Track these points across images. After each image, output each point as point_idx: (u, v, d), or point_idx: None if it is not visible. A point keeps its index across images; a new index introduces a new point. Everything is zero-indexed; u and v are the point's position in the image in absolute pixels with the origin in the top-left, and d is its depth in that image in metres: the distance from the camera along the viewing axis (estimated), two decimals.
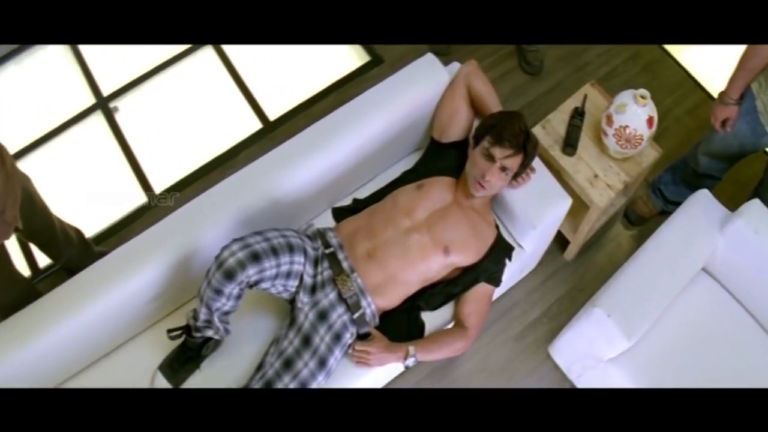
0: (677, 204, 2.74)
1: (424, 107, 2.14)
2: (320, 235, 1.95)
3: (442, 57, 2.87)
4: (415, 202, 1.98)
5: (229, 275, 1.63)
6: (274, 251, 1.71)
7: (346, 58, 3.15)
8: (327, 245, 1.93)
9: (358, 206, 2.13)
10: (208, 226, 1.88)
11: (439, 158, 2.10)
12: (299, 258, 1.79)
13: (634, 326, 1.99)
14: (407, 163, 2.26)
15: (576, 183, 2.28)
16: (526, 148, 1.91)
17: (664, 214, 2.79)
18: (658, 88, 2.67)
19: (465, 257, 1.99)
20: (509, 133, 1.87)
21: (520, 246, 2.23)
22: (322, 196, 2.10)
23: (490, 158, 1.89)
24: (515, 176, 1.98)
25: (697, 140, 2.49)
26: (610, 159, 2.31)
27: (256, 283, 1.70)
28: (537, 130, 2.32)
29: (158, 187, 2.79)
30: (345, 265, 1.90)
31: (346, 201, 2.20)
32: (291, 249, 1.76)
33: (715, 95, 2.16)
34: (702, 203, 2.21)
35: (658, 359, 2.12)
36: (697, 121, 2.99)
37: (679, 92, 3.05)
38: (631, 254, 2.72)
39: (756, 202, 2.10)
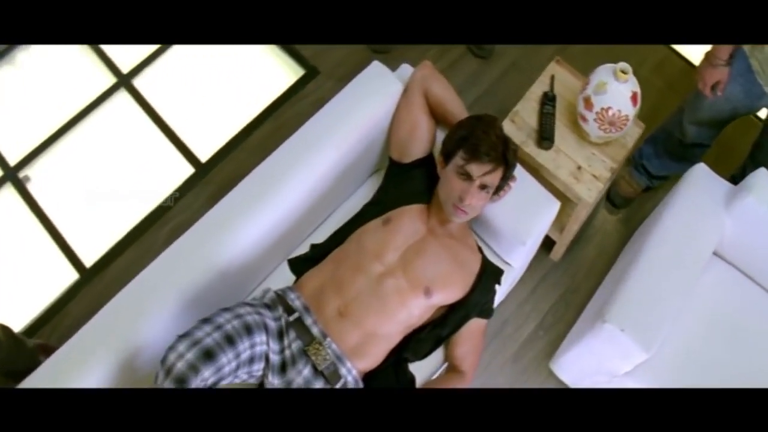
0: (663, 178, 2.55)
1: (378, 125, 1.85)
2: (280, 300, 1.65)
3: (381, 56, 2.63)
4: (384, 241, 1.69)
5: (181, 382, 1.32)
6: (230, 340, 1.41)
7: (277, 75, 2.83)
8: (290, 311, 1.63)
9: (317, 253, 1.83)
10: (149, 315, 1.58)
11: (404, 183, 1.81)
12: (260, 337, 1.49)
13: (651, 336, 1.76)
14: (366, 192, 1.97)
15: (559, 180, 2.02)
16: (507, 158, 1.65)
17: (649, 190, 2.57)
18: (618, 49, 2.43)
19: (450, 294, 1.72)
20: (486, 145, 1.61)
21: (507, 264, 1.96)
22: (274, 250, 1.80)
23: (467, 177, 1.62)
24: (496, 191, 1.70)
25: (672, 103, 2.30)
26: (591, 146, 2.05)
27: (215, 384, 1.40)
28: (506, 126, 2.04)
29: (88, 260, 2.45)
30: (315, 330, 1.61)
31: (303, 248, 1.89)
32: (249, 330, 1.46)
33: (678, 49, 1.90)
34: (701, 181, 1.97)
35: (680, 363, 1.89)
36: (665, 80, 2.77)
37: (640, 50, 2.79)
38: (621, 241, 2.55)
39: (762, 172, 1.86)
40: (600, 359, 1.96)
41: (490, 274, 1.78)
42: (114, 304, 1.61)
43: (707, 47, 1.89)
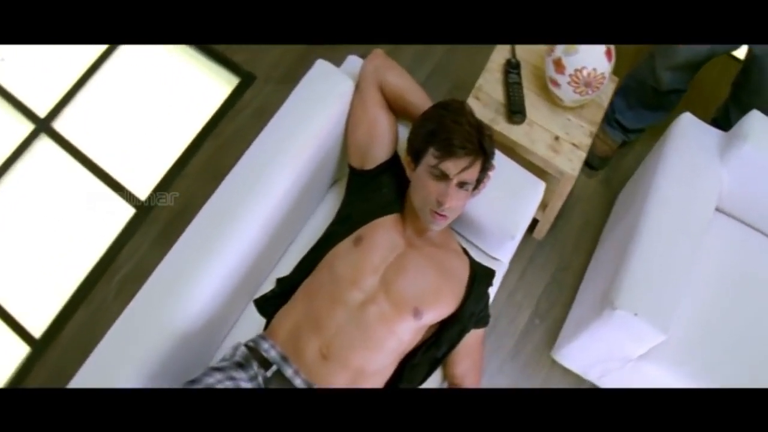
0: (639, 131, 2.38)
1: (333, 132, 1.63)
2: (253, 353, 1.44)
3: (320, 47, 2.40)
4: (359, 264, 1.49)
5: None
6: None
7: (210, 89, 2.58)
8: (266, 364, 1.42)
9: (285, 287, 1.61)
10: None
11: (370, 193, 1.60)
12: None
13: (667, 315, 1.61)
14: (329, 209, 1.76)
15: (536, 155, 1.83)
16: (484, 147, 1.46)
17: (625, 145, 2.41)
18: None
19: (442, 310, 1.52)
20: (459, 136, 1.41)
21: (495, 259, 1.78)
22: (237, 294, 1.58)
23: (443, 177, 1.43)
24: (476, 185, 1.51)
25: (641, 49, 2.13)
26: (566, 111, 1.88)
27: None
28: (471, 104, 1.84)
29: (36, 330, 2.19)
30: (298, 381, 1.40)
31: (269, 284, 1.67)
32: None
33: None
34: (689, 133, 1.81)
35: (697, 333, 1.75)
36: None
37: None
38: (605, 205, 2.38)
39: (756, 116, 1.70)
40: (611, 346, 1.80)
41: (481, 278, 1.59)
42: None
43: None
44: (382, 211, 1.55)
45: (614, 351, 1.81)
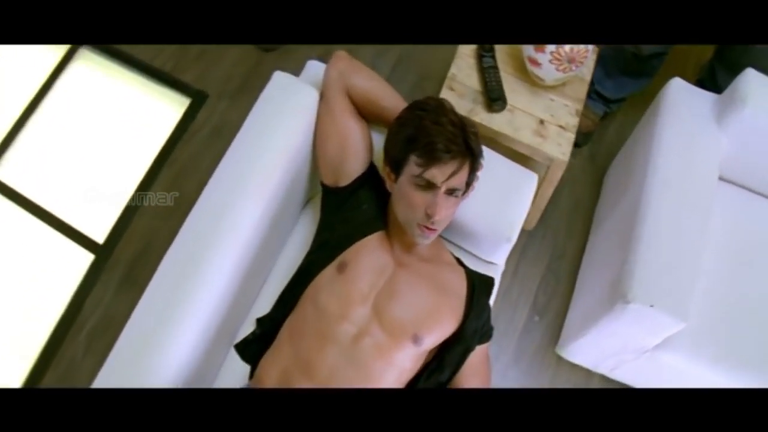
0: (621, 101, 2.26)
1: (301, 150, 1.47)
2: None
3: (273, 54, 2.28)
4: (346, 294, 1.33)
5: None
6: None
7: (160, 115, 2.39)
8: None
9: (266, 328, 1.45)
10: None
11: (349, 212, 1.44)
12: None
13: (685, 301, 1.49)
14: (304, 234, 1.60)
15: (522, 144, 1.70)
16: (471, 146, 1.30)
17: (607, 117, 2.29)
18: None
19: (442, 332, 1.37)
20: (442, 139, 1.26)
21: (490, 263, 1.64)
22: (216, 344, 1.41)
23: (429, 186, 1.28)
24: (466, 191, 1.37)
25: None
26: (548, 91, 1.75)
27: None
28: (446, 96, 1.70)
29: None
30: None
31: (249, 325, 1.50)
32: None
33: None
34: (681, 99, 1.68)
35: (715, 316, 1.63)
36: None
37: None
38: (594, 183, 2.26)
39: (752, 75, 1.57)
40: (625, 339, 1.68)
41: (480, 289, 1.44)
42: None
43: None
44: (364, 231, 1.40)
45: (628, 344, 1.69)
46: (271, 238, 1.48)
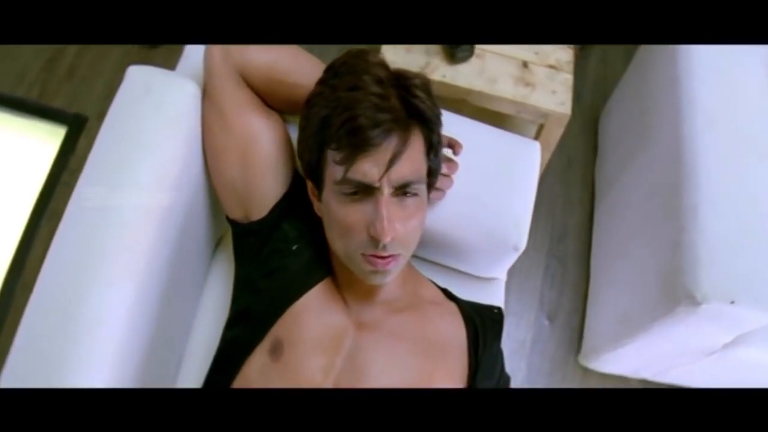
0: None
1: (188, 174, 0.98)
2: None
3: (158, 51, 1.85)
4: (289, 385, 0.86)
5: None
6: None
7: (31, 153, 1.87)
8: None
9: None
10: None
11: (274, 258, 0.95)
12: None
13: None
14: (219, 301, 1.11)
15: (503, 99, 1.26)
16: (416, 108, 0.82)
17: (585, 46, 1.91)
18: None
19: None
20: (366, 109, 0.78)
21: (491, 279, 1.19)
22: None
23: (364, 192, 0.81)
24: (430, 184, 0.89)
25: None
26: None
27: None
28: (387, 53, 1.27)
29: None
30: None
31: None
32: None
33: None
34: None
35: None
36: None
37: None
38: (585, 132, 1.86)
39: None
40: (685, 343, 1.26)
41: (485, 331, 0.98)
42: None
43: None
44: (300, 287, 0.92)
45: (690, 346, 1.27)
46: (168, 320, 0.99)
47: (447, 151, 0.97)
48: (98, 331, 0.82)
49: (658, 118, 1.28)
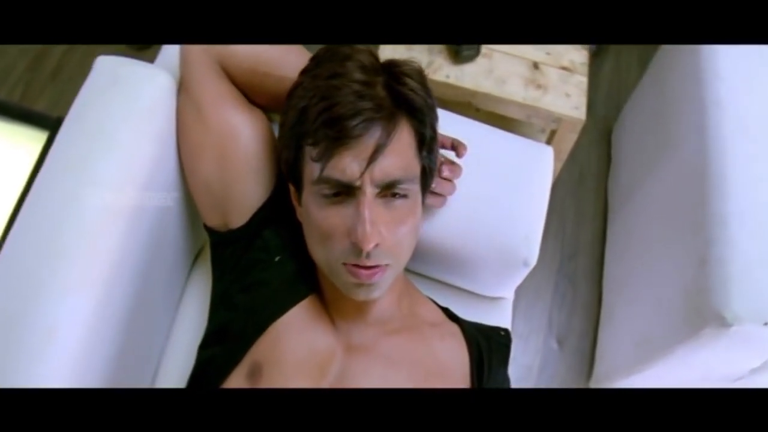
0: None
1: (162, 174, 0.88)
2: None
3: (145, 51, 1.80)
4: None
5: None
6: None
7: (14, 159, 1.77)
8: None
9: None
10: None
11: (255, 271, 0.85)
12: None
13: None
14: (195, 319, 1.01)
15: (513, 102, 1.17)
16: (403, 97, 0.72)
17: (600, 53, 1.82)
18: None
19: None
20: (346, 99, 0.69)
21: (497, 299, 1.08)
22: None
23: (345, 193, 0.71)
24: (425, 185, 0.78)
25: None
26: None
27: None
28: (388, 52, 1.21)
29: None
30: None
31: None
32: None
33: None
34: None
35: None
36: None
37: None
38: (598, 144, 1.77)
39: None
40: (709, 368, 1.14)
41: (491, 353, 0.87)
42: None
43: None
44: (282, 303, 0.81)
45: (714, 371, 1.15)
46: (137, 336, 0.89)
47: (449, 154, 0.87)
48: (50, 344, 0.72)
49: (681, 125, 1.18)
